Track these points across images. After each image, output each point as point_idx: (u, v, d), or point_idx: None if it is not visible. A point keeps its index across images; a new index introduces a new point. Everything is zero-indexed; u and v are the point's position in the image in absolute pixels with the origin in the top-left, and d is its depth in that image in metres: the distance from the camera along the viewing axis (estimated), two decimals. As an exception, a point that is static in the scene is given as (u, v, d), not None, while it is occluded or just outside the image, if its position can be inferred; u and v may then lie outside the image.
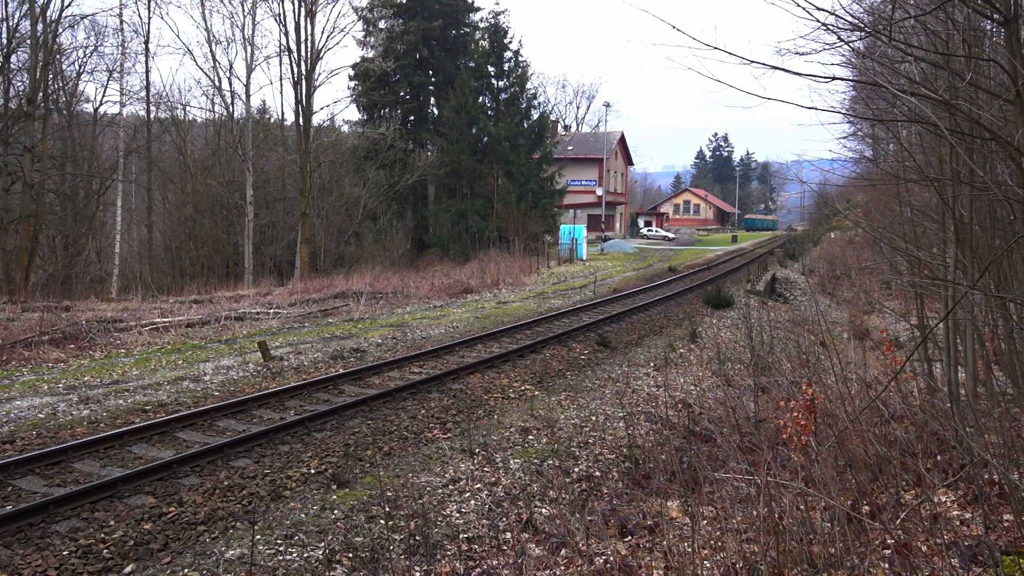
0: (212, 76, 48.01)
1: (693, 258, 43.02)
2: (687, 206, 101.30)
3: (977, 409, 6.31)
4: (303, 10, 33.79)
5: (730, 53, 3.97)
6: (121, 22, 34.24)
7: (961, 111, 4.40)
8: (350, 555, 6.13)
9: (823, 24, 4.47)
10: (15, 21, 28.69)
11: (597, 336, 15.69)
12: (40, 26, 28.12)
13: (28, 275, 26.94)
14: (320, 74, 36.21)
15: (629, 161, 75.60)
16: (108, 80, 50.45)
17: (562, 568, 5.30)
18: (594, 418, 10.27)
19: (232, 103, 37.60)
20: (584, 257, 40.86)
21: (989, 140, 4.50)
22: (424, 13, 40.41)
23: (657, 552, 5.20)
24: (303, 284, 27.09)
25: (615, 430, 9.69)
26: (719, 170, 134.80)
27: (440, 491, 7.52)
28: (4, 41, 28.36)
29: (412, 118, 42.15)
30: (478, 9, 43.39)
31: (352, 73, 39.98)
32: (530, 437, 9.34)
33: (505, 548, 6.23)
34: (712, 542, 5.03)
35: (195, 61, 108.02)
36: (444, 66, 41.87)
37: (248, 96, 34.90)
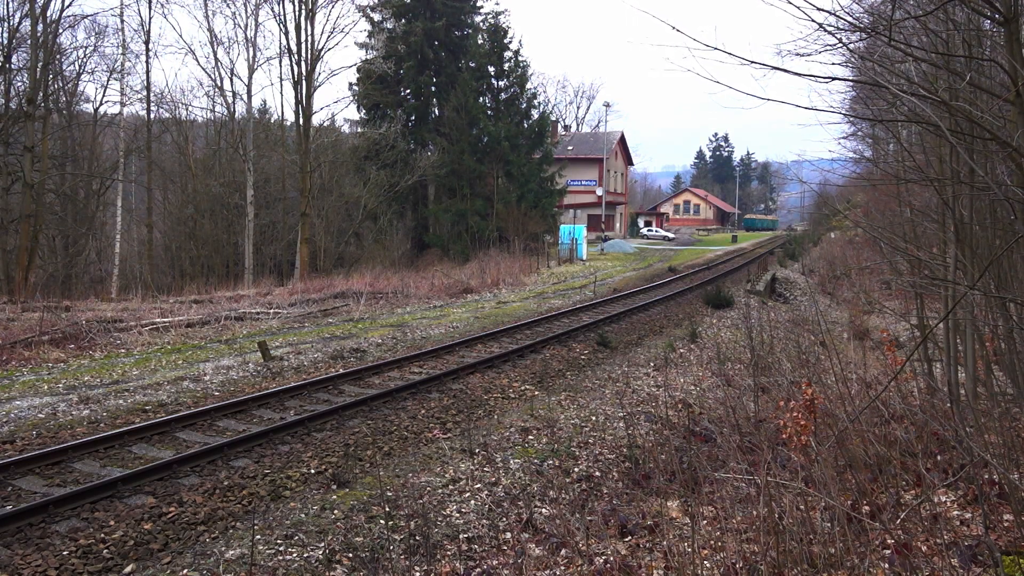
0: (214, 76, 47.92)
1: (693, 258, 43.01)
2: (687, 206, 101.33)
3: (977, 409, 6.31)
4: (303, 10, 33.81)
5: (730, 54, 3.97)
6: (122, 22, 34.31)
7: (961, 111, 4.40)
8: (350, 555, 6.13)
9: (822, 26, 4.47)
10: (15, 21, 28.74)
11: (597, 336, 15.69)
12: (40, 26, 28.14)
13: (28, 275, 26.93)
14: (320, 74, 36.23)
15: (629, 161, 75.61)
16: (108, 80, 50.53)
17: (562, 568, 5.30)
18: (594, 418, 10.27)
19: (233, 103, 37.64)
20: (584, 257, 40.85)
21: (989, 140, 4.50)
22: (427, 13, 40.39)
23: (657, 552, 5.20)
24: (303, 284, 27.08)
25: (615, 430, 9.69)
26: (719, 170, 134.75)
27: (440, 491, 7.52)
28: (4, 41, 28.39)
29: (413, 118, 42.13)
30: (480, 10, 43.39)
31: (355, 78, 39.99)
32: (530, 437, 9.34)
33: (505, 548, 6.23)
34: (712, 542, 5.03)
35: (197, 61, 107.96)
36: (446, 66, 41.85)
37: (250, 96, 34.90)
